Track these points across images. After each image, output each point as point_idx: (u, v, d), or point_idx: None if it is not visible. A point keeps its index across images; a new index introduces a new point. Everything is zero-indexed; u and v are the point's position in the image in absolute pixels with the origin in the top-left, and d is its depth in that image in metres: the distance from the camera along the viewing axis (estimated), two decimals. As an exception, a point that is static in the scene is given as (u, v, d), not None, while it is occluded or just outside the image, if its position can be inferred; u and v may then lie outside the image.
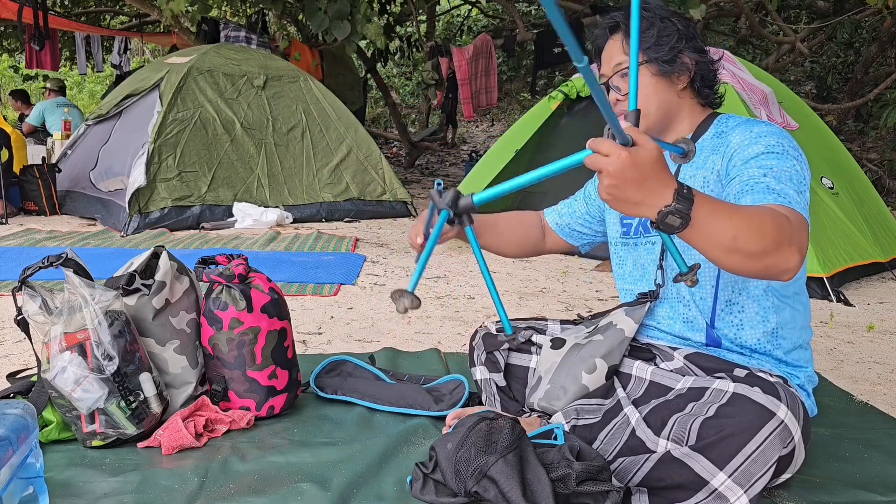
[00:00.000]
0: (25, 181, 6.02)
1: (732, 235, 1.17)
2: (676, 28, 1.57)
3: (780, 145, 1.44)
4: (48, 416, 1.69)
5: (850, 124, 9.14)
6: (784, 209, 1.30)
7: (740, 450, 1.29)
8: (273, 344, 1.84)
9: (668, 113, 1.59)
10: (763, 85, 4.27)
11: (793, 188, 1.36)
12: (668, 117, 1.60)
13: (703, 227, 1.15)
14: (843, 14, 8.44)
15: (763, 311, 1.56)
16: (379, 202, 6.32)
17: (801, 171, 1.41)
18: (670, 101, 1.58)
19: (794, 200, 1.34)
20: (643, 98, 1.56)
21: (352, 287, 3.70)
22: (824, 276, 3.54)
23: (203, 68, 6.05)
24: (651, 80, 1.56)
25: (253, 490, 1.49)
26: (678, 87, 1.58)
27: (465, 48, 8.15)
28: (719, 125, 1.59)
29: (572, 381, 1.64)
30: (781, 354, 1.56)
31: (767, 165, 1.41)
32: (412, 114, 14.16)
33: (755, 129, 1.49)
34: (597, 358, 1.63)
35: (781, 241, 1.20)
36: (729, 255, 1.19)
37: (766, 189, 1.36)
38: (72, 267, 1.70)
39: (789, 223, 1.24)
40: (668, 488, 1.34)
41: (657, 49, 1.55)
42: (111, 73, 12.30)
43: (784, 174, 1.39)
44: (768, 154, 1.43)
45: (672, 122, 1.61)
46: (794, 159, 1.42)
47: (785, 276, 1.24)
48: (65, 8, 11.13)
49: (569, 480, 1.30)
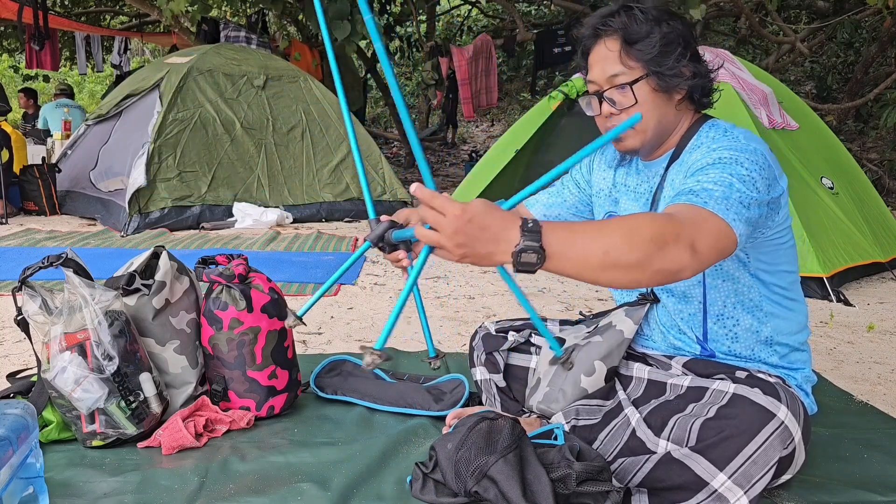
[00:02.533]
0: (25, 181, 6.02)
1: (602, 251, 1.12)
2: (679, 35, 1.45)
3: (732, 156, 1.34)
4: (48, 416, 1.69)
5: (850, 124, 9.13)
6: (686, 208, 1.24)
7: (740, 451, 1.29)
8: (273, 344, 1.84)
9: (665, 128, 1.50)
10: (763, 85, 4.27)
11: (721, 189, 1.28)
12: (664, 132, 1.51)
13: (564, 253, 1.11)
14: (843, 14, 8.44)
15: (757, 322, 1.53)
16: (379, 202, 6.30)
17: (748, 176, 1.32)
18: (668, 115, 1.49)
19: (713, 199, 1.26)
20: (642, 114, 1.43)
21: (352, 287, 3.70)
22: (824, 276, 3.54)
23: (203, 68, 6.05)
24: (650, 96, 1.46)
25: (253, 490, 1.49)
26: (676, 99, 1.48)
27: (465, 48, 8.15)
28: (700, 137, 1.49)
29: (571, 384, 1.63)
30: (777, 360, 1.54)
31: (705, 173, 1.33)
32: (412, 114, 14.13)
33: (715, 144, 1.41)
34: (595, 360, 1.61)
35: (664, 242, 1.14)
36: (607, 273, 1.14)
37: (688, 192, 1.29)
38: (72, 267, 1.70)
39: (675, 221, 1.18)
40: (669, 489, 1.34)
41: (660, 61, 1.43)
42: (111, 73, 12.30)
43: (719, 178, 1.30)
44: (714, 164, 1.34)
45: (665, 139, 1.53)
46: (744, 167, 1.32)
47: (681, 276, 1.19)
48: (65, 8, 11.13)
49: (569, 480, 1.30)
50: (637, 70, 1.44)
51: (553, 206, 1.77)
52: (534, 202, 1.78)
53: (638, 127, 1.47)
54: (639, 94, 1.45)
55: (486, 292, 3.65)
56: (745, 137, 1.42)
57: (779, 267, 1.51)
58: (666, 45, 1.43)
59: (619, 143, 1.52)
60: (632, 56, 1.43)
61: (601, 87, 1.48)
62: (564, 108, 4.92)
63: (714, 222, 1.23)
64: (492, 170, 4.75)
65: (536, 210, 1.78)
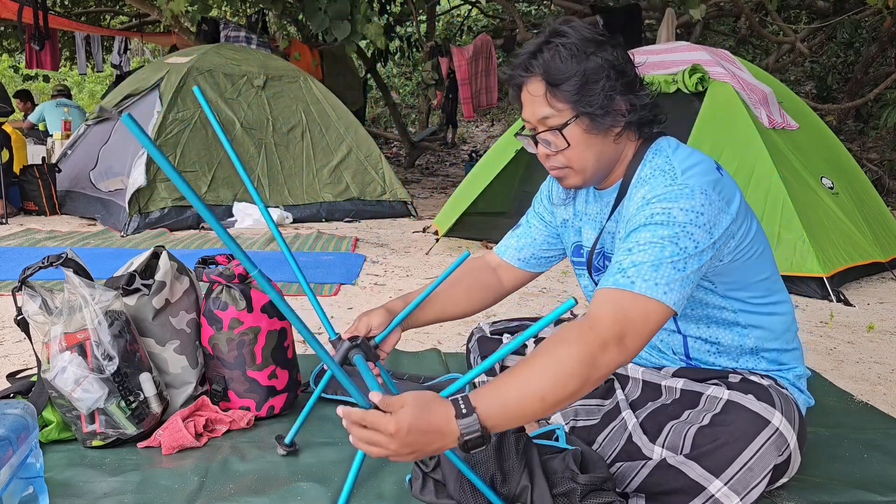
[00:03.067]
0: (25, 181, 6.02)
1: (539, 399, 1.14)
2: (609, 67, 1.34)
3: (665, 210, 1.29)
4: (48, 416, 1.69)
5: (850, 124, 9.14)
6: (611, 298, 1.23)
7: (735, 458, 1.29)
8: (273, 344, 1.84)
9: (606, 164, 1.43)
10: (763, 85, 4.27)
11: (651, 258, 1.25)
12: (607, 167, 1.44)
13: (505, 416, 1.12)
14: (843, 14, 8.44)
15: (739, 337, 1.49)
16: (379, 202, 6.31)
17: (682, 231, 1.27)
18: (606, 151, 1.41)
19: (640, 276, 1.24)
20: (576, 155, 1.39)
21: (352, 287, 3.70)
22: (824, 276, 3.54)
23: (203, 68, 6.05)
24: (583, 136, 1.37)
25: (253, 490, 1.49)
26: (614, 135, 1.40)
27: (465, 48, 8.14)
28: (643, 166, 1.42)
29: None
30: (767, 365, 1.51)
31: (637, 239, 1.29)
32: (412, 114, 14.16)
33: (651, 189, 1.33)
34: None
35: (592, 359, 1.16)
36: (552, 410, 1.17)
37: (617, 271, 1.27)
38: (72, 267, 1.70)
39: (596, 329, 1.18)
40: (666, 493, 1.34)
41: (585, 101, 1.34)
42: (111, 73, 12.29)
43: (650, 244, 1.27)
44: (647, 226, 1.29)
45: (612, 171, 1.46)
46: (676, 222, 1.27)
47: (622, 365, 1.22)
48: (65, 8, 11.13)
49: (573, 496, 1.30)
50: (566, 112, 1.35)
51: (524, 248, 1.71)
52: (504, 249, 1.73)
53: (576, 167, 1.41)
54: (570, 136, 1.37)
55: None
56: (682, 171, 1.34)
57: (751, 279, 1.45)
58: (593, 82, 1.33)
59: (563, 182, 1.46)
60: (558, 98, 1.35)
61: (535, 128, 1.41)
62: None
63: (641, 305, 1.22)
64: (492, 170, 4.75)
65: (509, 256, 1.72)
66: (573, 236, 1.64)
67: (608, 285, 1.26)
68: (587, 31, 1.36)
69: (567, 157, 1.40)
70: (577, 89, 1.33)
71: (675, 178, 1.33)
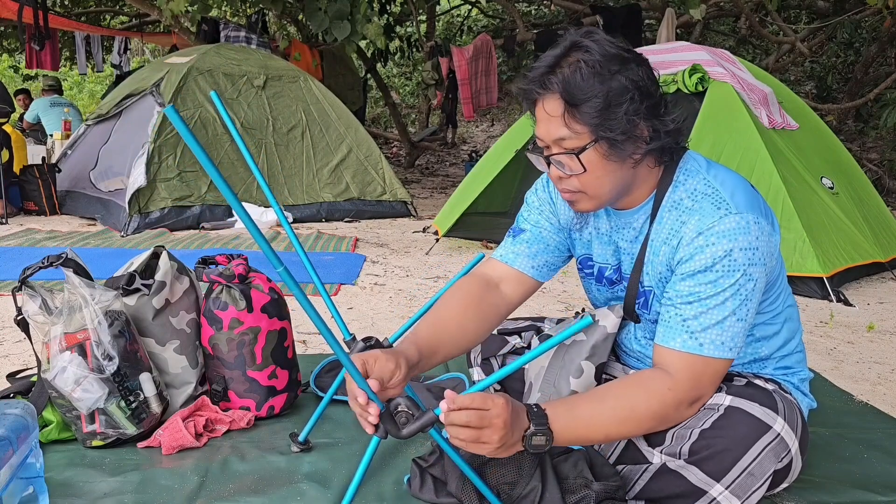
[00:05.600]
0: (25, 181, 6.02)
1: (604, 435, 1.27)
2: (633, 87, 1.23)
3: (727, 256, 1.25)
4: (48, 416, 1.69)
5: (850, 124, 9.13)
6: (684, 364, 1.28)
7: (735, 463, 1.29)
8: (273, 344, 1.84)
9: (623, 189, 1.35)
10: (763, 85, 4.27)
11: (717, 320, 1.26)
12: (623, 192, 1.36)
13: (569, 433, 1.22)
14: (843, 14, 8.44)
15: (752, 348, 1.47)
16: (379, 202, 6.31)
17: (745, 279, 1.26)
18: (624, 178, 1.32)
19: (709, 341, 1.26)
20: (591, 181, 1.30)
21: (352, 287, 3.70)
22: (824, 276, 3.54)
23: (203, 68, 6.04)
24: (600, 162, 1.27)
25: (253, 490, 1.49)
26: (633, 161, 1.30)
27: (465, 48, 8.14)
28: (676, 188, 1.34)
29: (562, 389, 1.58)
30: (771, 371, 1.50)
31: (698, 292, 1.27)
32: (412, 114, 14.16)
33: (707, 230, 1.27)
34: (582, 360, 1.56)
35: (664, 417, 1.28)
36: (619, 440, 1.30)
37: (682, 329, 1.28)
38: (72, 267, 1.70)
39: (674, 392, 1.26)
40: (668, 498, 1.34)
41: (606, 124, 1.23)
42: (111, 73, 12.29)
43: (714, 300, 1.26)
44: (707, 271, 1.26)
45: (628, 193, 1.38)
46: (741, 271, 1.25)
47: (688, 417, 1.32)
48: (65, 8, 11.12)
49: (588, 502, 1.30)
50: (584, 135, 1.25)
51: (538, 255, 1.55)
52: (514, 257, 1.55)
53: (591, 193, 1.32)
54: (587, 161, 1.27)
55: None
56: (730, 195, 1.29)
57: (770, 293, 1.42)
58: (616, 105, 1.23)
59: (574, 206, 1.37)
60: (577, 119, 1.24)
61: (548, 147, 1.31)
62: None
63: (712, 368, 1.29)
64: (492, 170, 4.75)
65: (521, 264, 1.55)
66: (584, 249, 1.56)
67: (676, 346, 1.29)
68: (611, 47, 1.25)
69: (582, 182, 1.30)
70: (598, 112, 1.22)
71: (727, 204, 1.28)
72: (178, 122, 0.90)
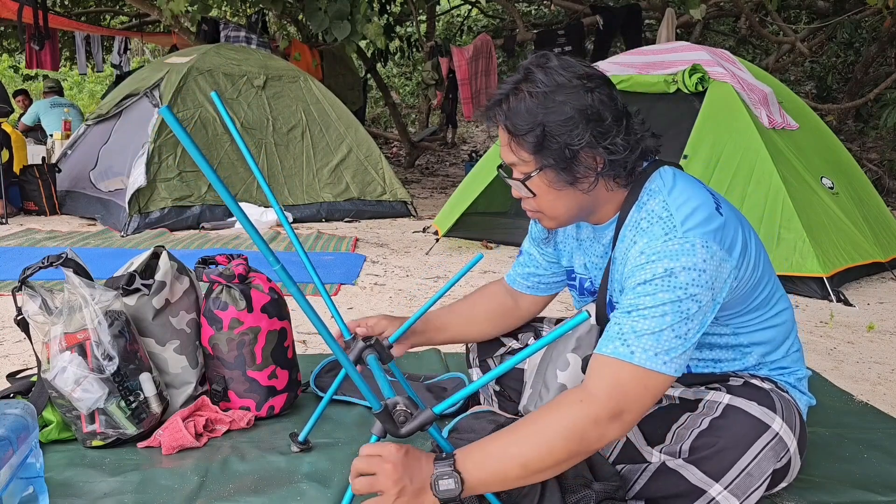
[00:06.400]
0: (25, 181, 6.01)
1: (520, 466, 1.15)
2: (573, 117, 1.23)
3: (668, 273, 1.22)
4: (48, 416, 1.69)
5: (850, 124, 9.13)
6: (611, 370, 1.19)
7: (734, 463, 1.29)
8: (273, 344, 1.84)
9: (583, 210, 1.37)
10: (763, 85, 4.27)
11: (651, 329, 1.20)
12: (585, 213, 1.39)
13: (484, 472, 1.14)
14: (843, 14, 8.44)
15: (739, 355, 1.46)
16: (379, 202, 6.31)
17: (685, 294, 1.21)
18: (580, 200, 1.34)
19: (641, 347, 1.19)
20: (545, 204, 1.34)
21: (352, 287, 3.70)
22: (824, 276, 3.54)
23: (203, 68, 6.04)
24: (549, 189, 1.30)
25: (253, 490, 1.49)
26: (585, 186, 1.30)
27: (465, 48, 8.14)
28: (639, 209, 1.33)
29: (550, 382, 1.58)
30: (767, 372, 1.49)
31: (637, 303, 1.23)
32: (412, 114, 14.16)
33: (648, 249, 1.26)
34: (567, 353, 1.56)
35: (582, 434, 1.15)
36: (533, 479, 1.18)
37: (616, 336, 1.22)
38: (72, 267, 1.70)
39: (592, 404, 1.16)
40: (666, 498, 1.34)
41: (546, 153, 1.25)
42: (111, 73, 12.29)
43: (651, 311, 1.21)
44: (647, 283, 1.23)
45: (591, 211, 1.39)
46: (682, 289, 1.21)
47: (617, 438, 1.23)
48: (65, 8, 11.12)
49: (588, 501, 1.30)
50: (530, 163, 1.29)
51: (529, 276, 1.67)
52: (512, 279, 1.70)
53: (547, 214, 1.36)
54: (535, 187, 1.31)
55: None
56: (682, 221, 1.26)
57: (752, 303, 1.41)
58: (553, 136, 1.24)
59: (540, 223, 1.44)
60: (522, 147, 1.27)
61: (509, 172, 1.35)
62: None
63: (640, 379, 1.19)
64: (492, 170, 4.75)
65: (518, 285, 1.69)
66: (564, 261, 1.61)
67: (607, 352, 1.22)
68: (562, 74, 1.25)
69: (538, 203, 1.35)
70: (538, 142, 1.25)
71: (675, 229, 1.25)
72: (173, 123, 0.90)
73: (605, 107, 1.26)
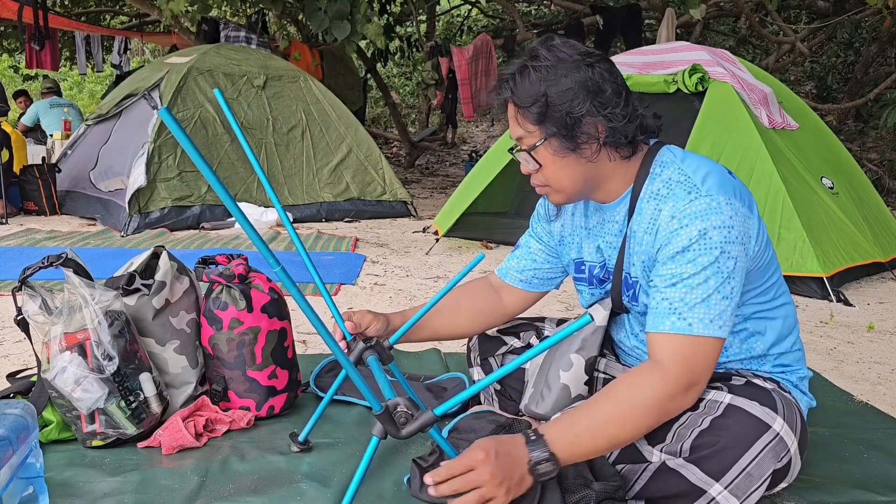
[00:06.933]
0: (25, 181, 6.02)
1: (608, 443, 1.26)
2: (571, 89, 1.32)
3: (702, 235, 1.28)
4: (48, 416, 1.69)
5: (850, 124, 9.13)
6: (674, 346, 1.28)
7: (735, 462, 1.29)
8: (273, 344, 1.84)
9: (589, 182, 1.42)
10: (763, 85, 4.27)
11: (700, 297, 1.28)
12: (589, 184, 1.43)
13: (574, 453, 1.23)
14: (843, 14, 8.44)
15: (745, 343, 1.47)
16: (379, 202, 6.31)
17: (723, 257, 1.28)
18: (584, 172, 1.40)
19: (697, 318, 1.27)
20: (550, 175, 1.41)
21: (352, 287, 3.71)
22: (824, 276, 3.54)
23: (203, 68, 6.04)
24: (554, 158, 1.38)
25: (253, 490, 1.49)
26: (589, 155, 1.37)
27: (465, 48, 8.14)
28: (654, 180, 1.40)
29: (552, 382, 1.59)
30: (770, 367, 1.50)
31: (680, 273, 1.30)
32: (412, 114, 14.16)
33: (679, 213, 1.32)
34: (571, 354, 1.57)
35: (662, 408, 1.27)
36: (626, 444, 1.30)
37: (669, 312, 1.29)
38: (72, 267, 1.70)
39: (666, 381, 1.26)
40: (666, 498, 1.34)
41: (550, 123, 1.34)
42: (111, 73, 12.29)
43: (696, 279, 1.28)
44: (686, 251, 1.29)
45: (597, 185, 1.44)
46: (719, 249, 1.28)
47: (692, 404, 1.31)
48: (65, 8, 11.12)
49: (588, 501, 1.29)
50: (536, 134, 1.37)
51: (524, 270, 1.71)
52: (505, 271, 1.73)
53: (554, 186, 1.42)
54: (540, 157, 1.39)
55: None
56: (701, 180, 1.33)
57: (762, 285, 1.44)
58: (556, 104, 1.32)
59: (548, 199, 1.49)
60: (527, 119, 1.37)
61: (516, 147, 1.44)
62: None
63: (702, 348, 1.28)
64: (492, 170, 4.75)
65: (511, 278, 1.73)
66: (573, 252, 1.61)
67: (665, 329, 1.29)
68: (564, 51, 1.35)
69: (545, 177, 1.42)
70: (540, 111, 1.34)
71: (697, 188, 1.33)
72: (172, 125, 0.90)
73: (605, 80, 1.34)
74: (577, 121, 1.33)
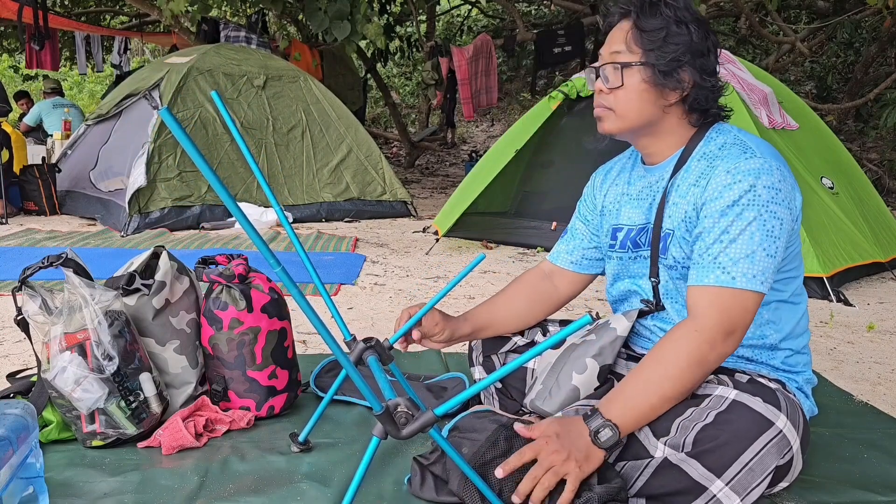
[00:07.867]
0: (25, 181, 6.02)
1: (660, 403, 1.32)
2: (689, 38, 1.43)
3: (751, 191, 1.36)
4: (48, 416, 1.69)
5: (850, 124, 9.13)
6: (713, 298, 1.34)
7: (736, 458, 1.29)
8: (273, 344, 1.84)
9: (647, 123, 1.49)
10: (763, 85, 4.27)
11: (746, 253, 1.34)
12: (646, 128, 1.50)
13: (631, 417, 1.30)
14: (843, 14, 8.43)
15: (761, 330, 1.49)
16: (379, 202, 6.31)
17: (769, 216, 1.35)
18: (653, 113, 1.47)
19: (740, 273, 1.33)
20: (623, 99, 1.46)
21: (352, 287, 3.70)
22: (824, 276, 3.54)
23: (203, 68, 6.05)
24: (639, 85, 1.45)
25: (253, 490, 1.49)
26: (667, 101, 1.46)
27: (465, 48, 8.14)
28: (708, 143, 1.48)
29: (563, 382, 1.60)
30: (779, 363, 1.52)
31: (727, 228, 1.36)
32: (412, 114, 14.16)
33: (733, 168, 1.39)
34: (587, 357, 1.58)
35: (703, 359, 1.31)
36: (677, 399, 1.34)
37: (714, 266, 1.36)
38: (72, 267, 1.70)
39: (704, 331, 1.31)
40: (668, 494, 1.34)
41: (657, 54, 1.42)
42: (111, 73, 12.30)
43: (742, 236, 1.34)
44: (734, 205, 1.36)
45: (653, 133, 1.51)
46: (765, 206, 1.35)
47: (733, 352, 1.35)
48: (65, 8, 11.13)
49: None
50: (636, 55, 1.44)
51: (574, 251, 1.78)
52: (556, 255, 1.80)
53: (619, 111, 1.47)
54: (628, 78, 1.45)
55: (487, 292, 3.65)
56: (756, 145, 1.42)
57: (786, 274, 1.48)
58: (672, 43, 1.42)
59: (600, 123, 1.53)
60: (637, 41, 1.44)
61: (603, 62, 1.49)
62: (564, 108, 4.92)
63: (740, 301, 1.33)
64: (492, 170, 4.75)
65: (562, 260, 1.79)
66: (612, 219, 1.65)
67: (710, 282, 1.35)
68: (690, 9, 1.45)
69: (616, 97, 1.47)
70: (655, 40, 1.42)
71: (752, 150, 1.40)
72: (172, 125, 0.90)
73: (711, 52, 1.46)
74: (678, 65, 1.42)
